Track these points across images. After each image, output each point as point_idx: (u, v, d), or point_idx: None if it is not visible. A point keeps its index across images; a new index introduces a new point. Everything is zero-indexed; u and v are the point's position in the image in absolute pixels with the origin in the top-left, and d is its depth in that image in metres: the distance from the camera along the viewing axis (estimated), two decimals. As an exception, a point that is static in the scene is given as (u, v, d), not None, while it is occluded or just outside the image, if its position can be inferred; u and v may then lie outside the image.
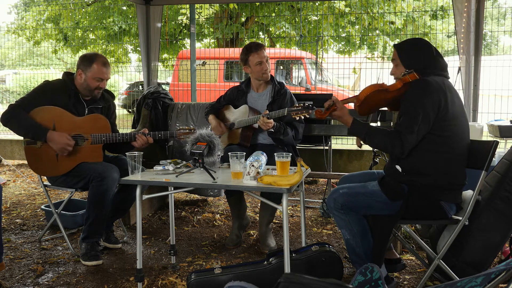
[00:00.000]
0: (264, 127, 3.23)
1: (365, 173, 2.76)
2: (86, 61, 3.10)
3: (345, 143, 6.37)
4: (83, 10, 12.50)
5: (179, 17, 11.34)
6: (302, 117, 3.09)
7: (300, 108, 3.07)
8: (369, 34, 11.15)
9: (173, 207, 2.92)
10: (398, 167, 2.40)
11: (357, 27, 11.48)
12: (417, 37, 2.68)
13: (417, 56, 2.43)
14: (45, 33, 12.91)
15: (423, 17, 10.80)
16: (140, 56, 5.63)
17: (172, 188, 2.73)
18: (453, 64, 4.76)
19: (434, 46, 2.49)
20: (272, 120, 3.22)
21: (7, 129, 3.04)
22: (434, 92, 2.27)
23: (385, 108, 2.74)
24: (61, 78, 3.21)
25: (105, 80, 3.14)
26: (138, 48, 10.81)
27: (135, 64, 12.71)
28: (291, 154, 2.45)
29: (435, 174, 2.32)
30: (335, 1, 10.18)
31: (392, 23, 10.65)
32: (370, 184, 2.44)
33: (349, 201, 2.40)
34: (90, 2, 12.33)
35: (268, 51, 3.54)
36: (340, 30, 11.61)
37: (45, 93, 3.08)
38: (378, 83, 2.50)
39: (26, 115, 2.98)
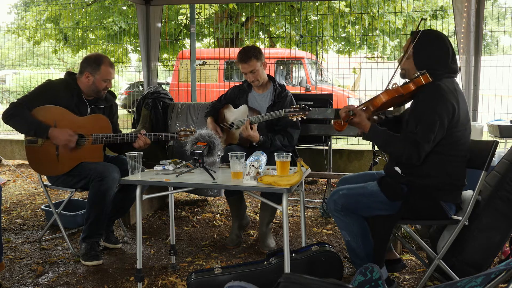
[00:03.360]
0: (244, 134, 3.21)
1: (364, 174, 2.75)
2: (94, 63, 3.10)
3: (345, 143, 6.37)
4: (83, 10, 12.50)
5: (179, 17, 11.33)
6: (299, 119, 3.09)
7: (297, 109, 3.06)
8: (369, 34, 11.15)
9: (173, 207, 2.92)
10: (397, 168, 2.39)
11: (357, 27, 11.48)
12: (438, 31, 2.55)
13: (433, 56, 2.36)
14: (45, 33, 12.91)
15: (423, 17, 10.79)
16: (140, 56, 5.63)
17: (172, 188, 2.73)
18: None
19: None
20: (256, 134, 3.19)
21: (8, 129, 3.05)
22: (448, 99, 2.24)
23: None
24: (63, 77, 3.21)
25: (111, 80, 3.18)
26: (138, 48, 10.81)
27: (135, 64, 12.74)
28: (291, 154, 2.45)
29: (437, 176, 2.32)
30: (335, 1, 10.18)
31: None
32: (370, 185, 2.43)
33: (349, 202, 2.40)
34: (90, 2, 12.33)
35: (268, 51, 3.54)
36: (340, 30, 11.62)
37: (47, 92, 3.09)
38: (392, 88, 2.40)
39: (28, 113, 2.98)
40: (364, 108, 2.46)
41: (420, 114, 2.29)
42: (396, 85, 2.39)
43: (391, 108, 3.53)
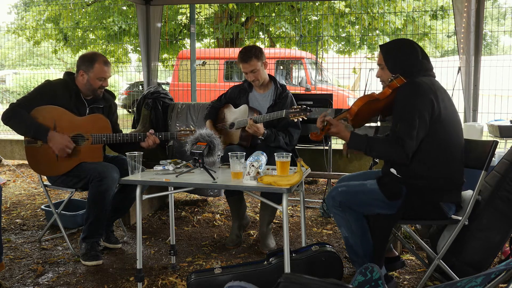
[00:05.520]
0: (250, 130, 3.22)
1: (365, 173, 2.75)
2: (87, 61, 3.10)
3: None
4: (83, 10, 12.50)
5: (179, 17, 11.34)
6: (300, 119, 3.09)
7: (298, 110, 3.07)
8: (369, 34, 11.15)
9: (173, 207, 2.92)
10: (393, 170, 2.38)
11: (357, 27, 11.48)
12: (403, 38, 2.64)
13: (402, 59, 2.40)
14: (45, 33, 12.91)
15: (423, 17, 10.80)
16: (140, 56, 5.63)
17: (172, 188, 2.73)
18: (453, 64, 4.77)
19: (430, 46, 2.47)
20: (261, 127, 3.21)
21: (7, 129, 3.05)
22: (425, 93, 2.25)
23: None
24: (62, 78, 3.21)
25: (107, 79, 3.15)
26: (138, 48, 10.81)
27: (135, 64, 12.73)
28: (291, 154, 2.45)
29: (432, 176, 2.31)
30: (335, 1, 10.18)
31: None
32: (369, 183, 2.43)
33: (347, 199, 2.40)
34: (90, 2, 12.33)
35: (268, 51, 3.53)
36: (340, 30, 11.62)
37: (46, 92, 3.08)
38: (366, 94, 2.48)
39: (28, 114, 2.98)
40: (343, 119, 2.48)
41: (399, 111, 2.31)
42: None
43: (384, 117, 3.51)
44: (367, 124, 4.04)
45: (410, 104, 2.26)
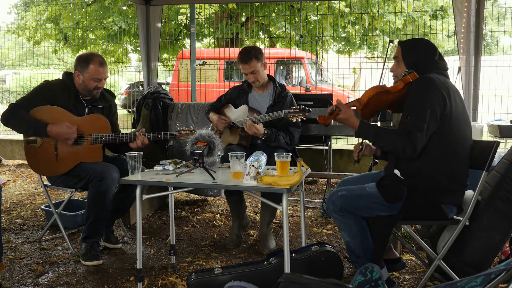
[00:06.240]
0: (250, 132, 3.21)
1: (366, 175, 2.74)
2: (83, 62, 3.09)
3: (345, 143, 6.37)
4: (83, 10, 12.50)
5: (179, 17, 11.34)
6: (299, 120, 3.09)
7: (297, 110, 3.07)
8: (369, 34, 11.16)
9: (173, 207, 2.92)
10: (396, 171, 2.38)
11: (357, 27, 11.49)
12: (423, 38, 2.68)
13: (420, 56, 2.41)
14: (45, 33, 12.92)
15: (423, 17, 10.80)
16: (140, 56, 5.64)
17: (172, 188, 2.73)
18: (453, 64, 4.76)
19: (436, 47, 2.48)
20: (261, 127, 3.21)
21: (7, 129, 3.05)
22: (438, 89, 2.26)
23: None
24: (61, 78, 3.21)
25: (103, 80, 3.14)
26: (138, 48, 10.81)
27: (135, 64, 12.72)
28: (291, 154, 2.45)
29: (438, 177, 2.30)
30: (335, 1, 10.18)
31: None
32: (369, 186, 2.42)
33: (348, 203, 2.39)
34: (90, 2, 12.33)
35: (268, 51, 3.53)
36: (340, 30, 11.62)
37: (45, 93, 3.08)
38: (379, 84, 2.48)
39: (27, 114, 2.98)
40: (352, 107, 2.48)
41: (411, 104, 2.31)
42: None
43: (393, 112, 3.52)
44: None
45: (422, 98, 2.25)
